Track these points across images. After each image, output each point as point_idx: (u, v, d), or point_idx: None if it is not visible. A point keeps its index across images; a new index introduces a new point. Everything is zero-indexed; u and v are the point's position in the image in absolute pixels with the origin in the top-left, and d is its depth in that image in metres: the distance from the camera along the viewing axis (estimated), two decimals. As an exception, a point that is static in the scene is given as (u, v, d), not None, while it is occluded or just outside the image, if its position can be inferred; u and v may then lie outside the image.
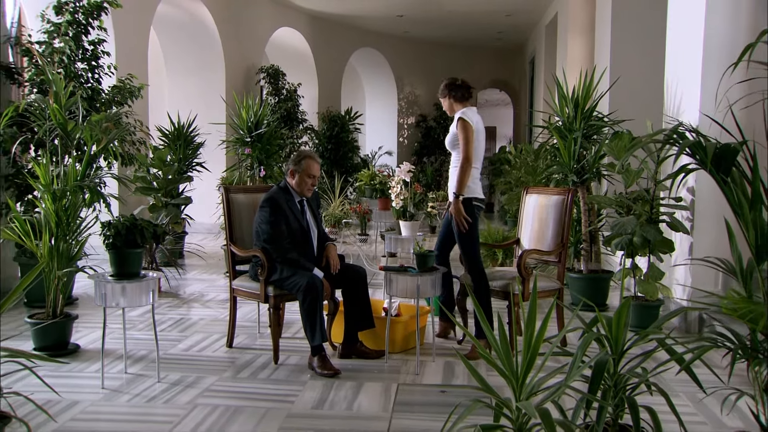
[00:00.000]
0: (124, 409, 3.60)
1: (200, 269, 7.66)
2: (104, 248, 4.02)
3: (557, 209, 4.77)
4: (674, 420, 2.47)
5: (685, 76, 5.25)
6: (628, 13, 7.83)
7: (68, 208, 4.41)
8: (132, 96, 6.47)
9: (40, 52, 5.51)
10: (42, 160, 4.22)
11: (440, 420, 3.26)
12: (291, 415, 3.52)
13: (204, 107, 9.60)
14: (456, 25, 14.72)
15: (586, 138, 5.81)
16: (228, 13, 10.77)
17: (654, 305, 5.15)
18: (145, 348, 4.64)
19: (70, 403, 3.62)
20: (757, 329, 2.03)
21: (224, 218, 4.63)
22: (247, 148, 6.86)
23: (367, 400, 3.74)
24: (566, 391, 2.47)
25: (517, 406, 2.30)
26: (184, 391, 3.85)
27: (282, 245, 4.30)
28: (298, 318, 4.65)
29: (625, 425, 2.66)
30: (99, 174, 4.49)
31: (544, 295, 4.74)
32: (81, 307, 5.76)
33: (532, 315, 2.55)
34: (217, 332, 5.09)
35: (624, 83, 7.29)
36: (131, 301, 3.99)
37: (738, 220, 2.17)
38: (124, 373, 4.14)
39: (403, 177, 6.38)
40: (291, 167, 4.46)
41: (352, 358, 4.43)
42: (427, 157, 17.03)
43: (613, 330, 2.64)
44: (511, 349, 2.49)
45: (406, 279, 4.29)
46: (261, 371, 4.21)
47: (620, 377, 2.64)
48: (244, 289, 4.53)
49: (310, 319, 4.14)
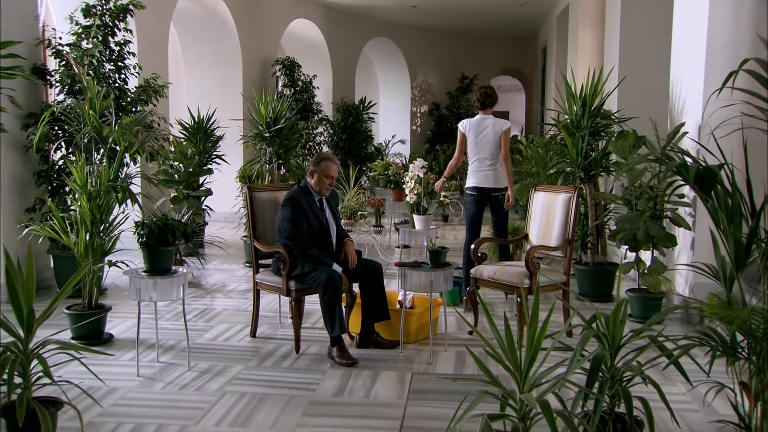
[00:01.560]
0: (159, 396, 3.90)
1: (221, 259, 7.95)
2: (137, 244, 4.30)
3: (563, 207, 5.01)
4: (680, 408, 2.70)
5: (689, 76, 5.43)
6: (637, 6, 7.93)
7: (102, 206, 4.70)
8: (156, 95, 6.74)
9: (75, 59, 5.77)
10: (77, 162, 4.49)
11: (452, 407, 3.52)
12: (313, 402, 3.80)
13: (221, 100, 9.84)
14: (469, 15, 14.85)
15: (593, 135, 6.02)
16: (245, 6, 10.98)
17: (657, 297, 5.37)
18: (174, 338, 4.94)
19: (109, 390, 3.92)
20: (731, 330, 2.27)
21: (248, 216, 4.90)
22: (267, 146, 7.11)
23: (384, 388, 4.02)
24: (567, 383, 2.73)
25: (521, 397, 2.56)
26: (213, 379, 4.15)
27: (303, 242, 4.57)
28: (316, 308, 4.93)
29: (621, 414, 2.92)
30: (130, 174, 4.77)
31: (551, 289, 4.99)
32: (110, 298, 6.06)
33: (535, 313, 2.80)
34: (240, 322, 5.38)
35: (633, 78, 7.44)
36: (163, 295, 4.28)
37: (719, 233, 2.41)
38: (156, 361, 4.44)
39: (417, 173, 6.63)
40: (311, 168, 4.72)
41: (368, 347, 4.71)
42: (440, 145, 17.23)
43: (609, 327, 2.89)
44: (515, 344, 2.75)
45: (420, 274, 4.56)
46: (284, 360, 4.50)
47: (617, 370, 2.89)
48: (268, 282, 4.81)
49: (330, 311, 4.42)
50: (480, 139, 5.88)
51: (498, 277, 4.92)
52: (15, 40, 3.55)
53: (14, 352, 3.05)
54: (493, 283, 5.01)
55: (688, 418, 3.59)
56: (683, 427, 3.46)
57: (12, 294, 3.02)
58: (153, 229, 4.20)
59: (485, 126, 5.91)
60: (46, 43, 6.17)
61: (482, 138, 5.88)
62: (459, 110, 17.32)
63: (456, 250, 8.40)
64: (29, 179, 6.10)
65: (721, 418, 3.02)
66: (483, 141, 5.87)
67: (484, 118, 5.96)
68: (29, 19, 6.00)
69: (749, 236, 2.36)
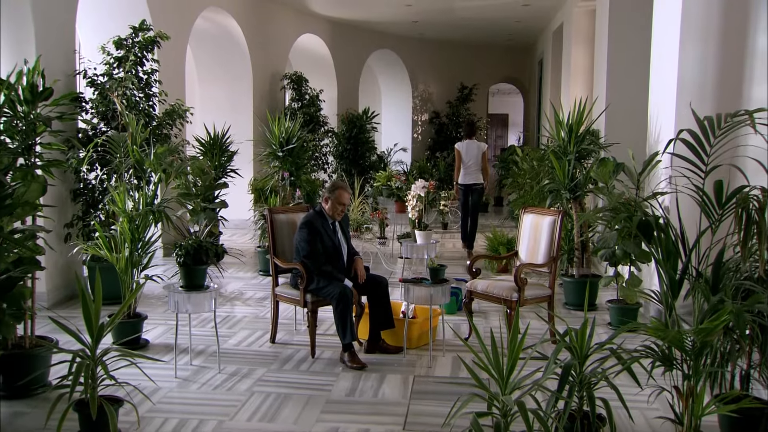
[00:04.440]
0: (195, 395, 4.52)
1: (236, 267, 8.57)
2: (175, 263, 4.93)
3: (549, 228, 5.64)
4: (634, 407, 3.32)
5: (663, 110, 6.04)
6: (624, 33, 8.45)
7: (140, 227, 5.32)
8: (180, 119, 7.37)
9: (114, 92, 6.39)
10: (119, 187, 5.11)
11: (449, 406, 4.08)
12: (329, 401, 4.43)
13: (233, 114, 10.48)
14: (468, 29, 15.49)
15: (578, 160, 6.64)
16: (255, 24, 11.61)
17: (633, 308, 6.00)
18: (202, 343, 5.56)
19: (153, 389, 4.53)
20: (663, 344, 2.89)
21: (269, 237, 5.52)
22: (285, 171, 7.74)
23: (390, 389, 4.64)
24: (544, 386, 3.35)
25: (502, 399, 3.18)
26: (241, 380, 4.77)
27: (318, 260, 5.20)
28: (328, 316, 5.55)
29: (588, 412, 3.54)
30: (165, 199, 5.39)
31: (539, 301, 5.60)
32: (141, 306, 6.68)
33: (515, 327, 3.42)
34: (260, 329, 6.00)
35: (619, 102, 8.07)
36: (197, 307, 4.91)
37: (657, 268, 3.02)
38: (189, 364, 5.06)
39: (419, 192, 7.26)
40: (326, 195, 5.35)
41: (375, 353, 5.33)
42: (440, 152, 17.86)
43: (578, 341, 3.51)
44: (499, 354, 3.37)
45: (422, 289, 5.19)
46: (301, 364, 5.13)
47: (584, 376, 3.51)
48: (286, 295, 5.43)
49: (342, 321, 5.04)
50: (468, 154, 9.41)
51: (490, 290, 5.54)
52: (70, 93, 4.17)
53: (84, 358, 3.68)
54: (486, 296, 5.63)
55: (642, 415, 4.20)
56: (637, 422, 4.07)
57: (85, 311, 3.65)
58: (189, 251, 4.83)
59: (472, 147, 9.46)
60: (82, 73, 6.80)
61: (469, 154, 9.40)
62: (458, 119, 17.95)
63: (455, 260, 9.05)
64: (66, 197, 6.72)
65: (663, 415, 3.64)
66: (470, 155, 9.40)
67: (470, 142, 9.53)
68: (69, 54, 6.64)
69: (681, 273, 2.98)
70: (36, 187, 4.14)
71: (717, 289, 3.05)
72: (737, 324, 2.89)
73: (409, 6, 12.77)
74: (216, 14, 10.69)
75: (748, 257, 3.29)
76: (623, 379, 4.10)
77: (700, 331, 2.79)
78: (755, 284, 3.19)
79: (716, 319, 2.74)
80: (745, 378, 3.57)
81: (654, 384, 3.41)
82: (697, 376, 2.96)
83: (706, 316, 2.93)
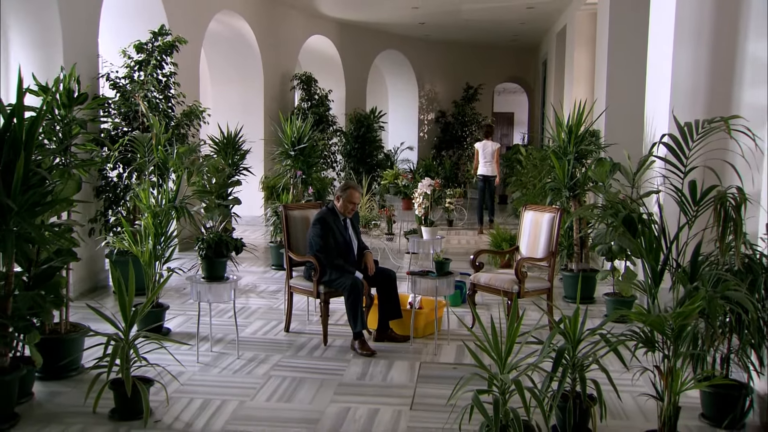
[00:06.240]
0: (217, 378, 4.87)
1: (249, 261, 8.92)
2: (197, 257, 5.27)
3: (548, 224, 5.96)
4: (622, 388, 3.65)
5: (657, 111, 6.34)
6: (624, 35, 8.73)
7: (162, 222, 5.66)
8: (198, 119, 7.71)
9: (137, 94, 6.74)
10: (143, 185, 5.45)
11: (453, 389, 4.47)
12: (341, 384, 4.77)
13: (244, 114, 10.82)
14: (473, 30, 15.79)
15: (578, 159, 6.95)
16: (266, 26, 11.95)
17: (629, 300, 6.31)
18: (221, 331, 5.90)
19: (178, 373, 4.88)
20: (644, 327, 3.22)
21: (283, 231, 5.86)
22: (298, 170, 8.09)
23: (397, 374, 4.98)
24: (540, 367, 3.68)
25: (501, 377, 3.51)
26: (259, 366, 5.11)
27: (330, 254, 5.53)
28: (339, 307, 5.89)
29: (580, 392, 3.87)
30: (187, 196, 5.74)
31: (538, 293, 5.93)
32: (161, 297, 7.02)
33: (513, 315, 3.76)
34: (274, 319, 6.34)
35: (618, 102, 8.36)
36: (217, 297, 5.26)
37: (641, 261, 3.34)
38: (210, 351, 5.41)
39: (425, 190, 7.60)
40: (338, 194, 5.70)
41: (384, 341, 5.67)
42: (446, 151, 18.18)
43: (571, 327, 3.84)
44: (499, 339, 3.70)
45: (428, 281, 5.52)
46: (314, 351, 5.47)
47: (577, 359, 3.84)
48: (300, 286, 5.77)
49: (353, 311, 5.38)
50: (485, 152, 11.70)
51: (492, 283, 5.88)
52: (101, 97, 4.50)
53: (119, 341, 4.03)
54: (488, 288, 5.96)
55: (629, 394, 4.52)
56: (624, 400, 4.39)
57: (120, 299, 4.00)
58: (210, 244, 5.17)
59: (488, 146, 11.70)
60: (105, 76, 7.15)
61: (486, 151, 11.69)
62: (464, 118, 18.26)
63: (460, 254, 9.37)
64: (90, 193, 7.07)
65: (645, 392, 3.98)
66: (486, 153, 11.67)
67: (487, 141, 11.77)
68: (93, 58, 7.00)
69: (662, 264, 3.30)
70: (72, 185, 4.50)
71: (694, 278, 3.37)
72: (709, 308, 3.21)
73: (416, 8, 13.09)
74: (229, 17, 11.03)
75: (727, 251, 3.61)
76: (613, 363, 4.43)
77: (678, 315, 3.11)
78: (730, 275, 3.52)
79: (691, 303, 3.06)
80: (725, 361, 3.90)
81: (639, 365, 3.74)
82: (675, 357, 3.28)
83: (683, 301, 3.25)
